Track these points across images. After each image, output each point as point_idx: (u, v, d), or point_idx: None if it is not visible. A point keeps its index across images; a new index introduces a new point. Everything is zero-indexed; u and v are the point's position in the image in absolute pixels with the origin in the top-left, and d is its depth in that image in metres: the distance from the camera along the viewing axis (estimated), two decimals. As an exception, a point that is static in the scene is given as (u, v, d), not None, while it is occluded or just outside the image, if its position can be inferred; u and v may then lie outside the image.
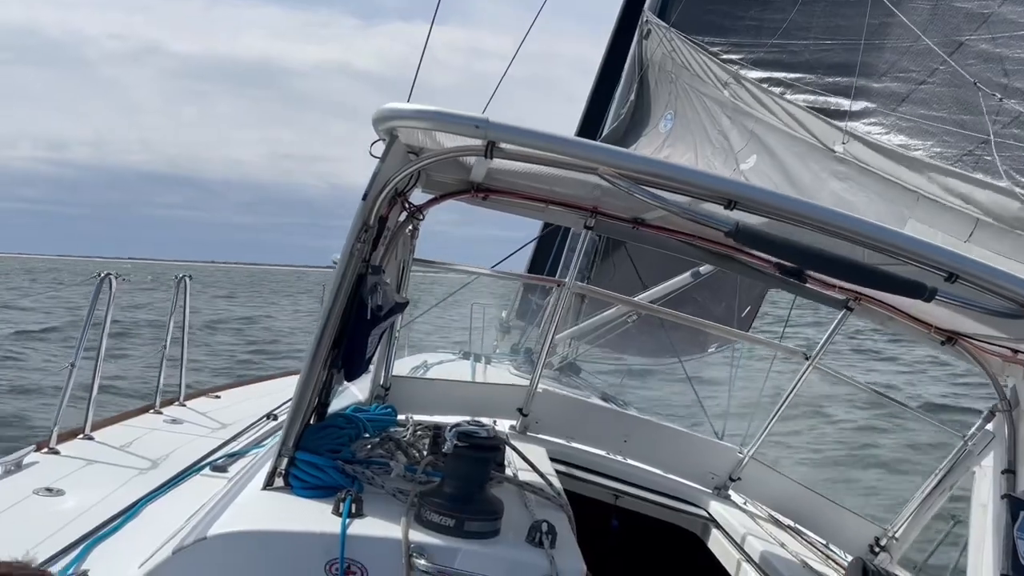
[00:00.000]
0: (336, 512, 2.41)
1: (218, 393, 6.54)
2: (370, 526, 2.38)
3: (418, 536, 2.36)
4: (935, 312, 3.31)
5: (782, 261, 2.73)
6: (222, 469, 3.71)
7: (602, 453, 4.47)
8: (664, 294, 6.18)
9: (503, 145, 2.38)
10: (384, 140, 2.52)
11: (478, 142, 2.37)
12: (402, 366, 5.44)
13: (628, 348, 7.19)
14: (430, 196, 3.43)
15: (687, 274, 6.20)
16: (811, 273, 3.51)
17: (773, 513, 4.33)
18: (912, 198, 3.86)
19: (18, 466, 3.91)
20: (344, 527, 2.31)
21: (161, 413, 5.44)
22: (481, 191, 3.39)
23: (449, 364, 6.57)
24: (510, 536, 2.49)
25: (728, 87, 5.12)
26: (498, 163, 2.82)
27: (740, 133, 5.01)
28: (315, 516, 2.41)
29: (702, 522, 4.16)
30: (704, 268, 6.11)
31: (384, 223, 2.85)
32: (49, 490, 3.60)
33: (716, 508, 4.14)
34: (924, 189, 3.84)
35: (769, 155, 4.71)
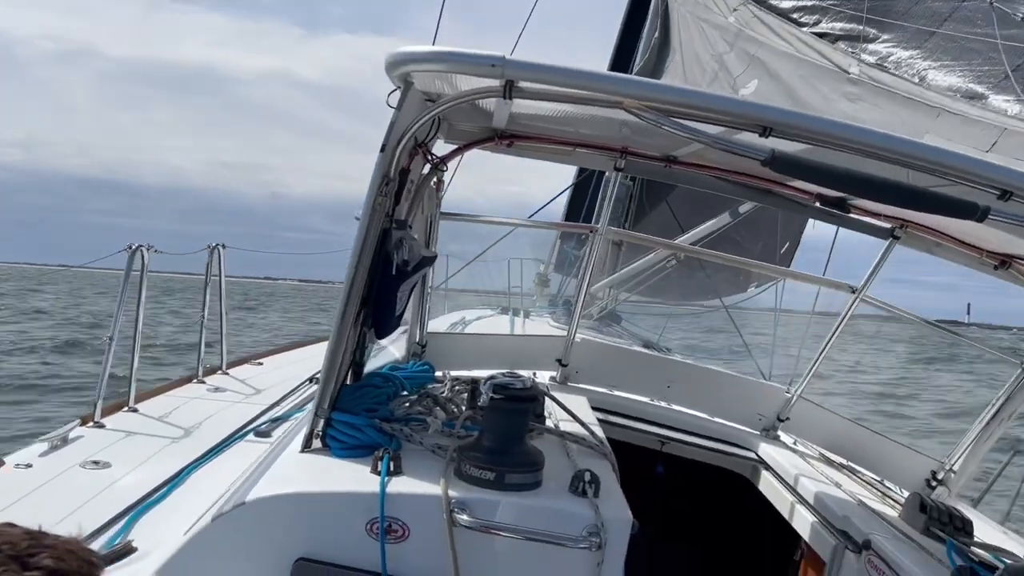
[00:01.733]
0: (375, 471, 2.37)
1: (260, 360, 6.58)
2: (409, 483, 2.33)
3: (458, 491, 2.30)
4: (986, 235, 3.15)
5: (823, 190, 2.59)
6: (265, 434, 3.72)
7: (646, 400, 4.40)
8: (702, 236, 6.05)
9: (522, 84, 2.27)
10: (399, 88, 2.43)
11: (496, 82, 2.26)
12: (440, 323, 5.40)
13: (669, 293, 7.08)
14: (453, 146, 3.33)
15: (725, 214, 6.06)
16: (854, 202, 3.37)
17: (824, 452, 4.23)
18: (933, 113, 3.66)
19: (64, 441, 3.96)
20: (383, 485, 2.27)
21: (204, 382, 5.48)
22: (505, 138, 3.29)
23: (488, 319, 6.53)
24: (552, 487, 2.43)
25: (736, 12, 4.90)
26: (520, 106, 2.70)
27: (739, 58, 4.80)
28: (353, 476, 2.37)
29: (751, 464, 4.08)
30: (743, 207, 5.96)
31: (406, 176, 2.77)
32: (95, 463, 3.63)
33: (765, 450, 4.05)
34: (948, 105, 3.65)
35: (774, 80, 4.49)
